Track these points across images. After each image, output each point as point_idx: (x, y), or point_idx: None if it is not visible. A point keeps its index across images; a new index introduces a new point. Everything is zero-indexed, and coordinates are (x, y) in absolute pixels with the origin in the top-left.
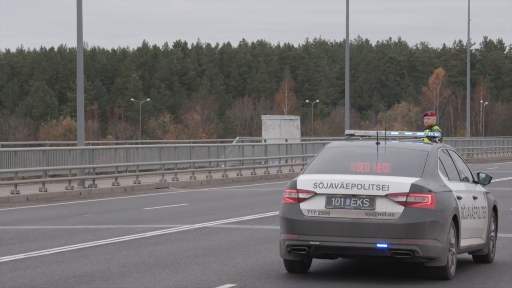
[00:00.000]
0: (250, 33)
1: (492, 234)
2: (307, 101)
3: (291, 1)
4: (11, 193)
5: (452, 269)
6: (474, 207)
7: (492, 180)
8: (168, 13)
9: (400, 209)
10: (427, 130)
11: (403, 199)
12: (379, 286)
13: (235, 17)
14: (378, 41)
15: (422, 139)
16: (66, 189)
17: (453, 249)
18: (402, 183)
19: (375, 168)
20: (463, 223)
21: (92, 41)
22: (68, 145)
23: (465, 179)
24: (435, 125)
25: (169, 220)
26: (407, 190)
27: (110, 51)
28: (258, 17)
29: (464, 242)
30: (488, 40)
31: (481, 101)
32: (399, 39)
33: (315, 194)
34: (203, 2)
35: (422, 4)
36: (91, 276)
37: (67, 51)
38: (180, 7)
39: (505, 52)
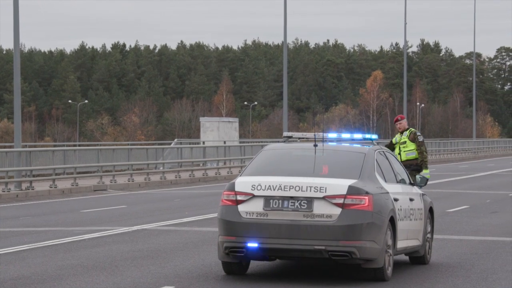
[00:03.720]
0: (188, 35)
1: (429, 235)
2: (245, 103)
3: (229, 2)
4: None
5: (389, 271)
6: (411, 209)
7: (429, 182)
8: (106, 15)
9: (337, 211)
10: (407, 132)
11: (340, 201)
12: (315, 287)
13: (174, 18)
14: (315, 44)
15: (403, 141)
16: (3, 191)
17: (390, 251)
18: (339, 185)
19: (313, 170)
20: (400, 225)
21: (29, 42)
22: (5, 147)
23: (402, 181)
24: (407, 128)
25: (107, 222)
26: (344, 192)
27: (47, 52)
28: (196, 19)
29: (401, 244)
30: (424, 42)
31: (418, 103)
32: (336, 41)
33: (253, 196)
34: (141, 4)
35: (359, 7)
36: (28, 278)
37: (4, 52)
38: (118, 8)
39: (441, 54)
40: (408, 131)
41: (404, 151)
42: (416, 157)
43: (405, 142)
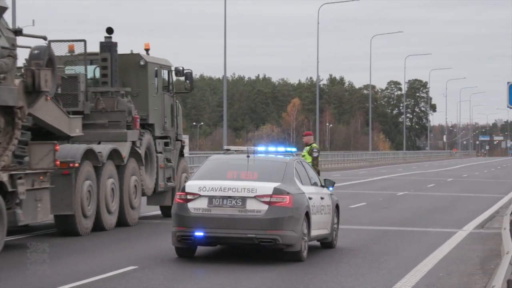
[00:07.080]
0: None
1: (335, 226)
2: (194, 123)
3: (183, 46)
4: None
5: (305, 253)
6: (322, 205)
7: (335, 185)
8: None
9: (265, 207)
10: (308, 147)
11: (267, 199)
12: (248, 266)
13: None
14: (248, 77)
15: (302, 154)
16: None
17: (306, 238)
18: (266, 187)
19: (246, 176)
20: (313, 218)
21: None
22: None
23: (315, 184)
24: (313, 142)
25: None
26: (270, 192)
27: None
28: None
29: (314, 232)
30: (332, 77)
31: (327, 124)
32: (265, 75)
33: (200, 196)
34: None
35: (283, 51)
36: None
37: None
38: None
39: (345, 86)
40: (309, 146)
41: None
42: None
43: (304, 155)
